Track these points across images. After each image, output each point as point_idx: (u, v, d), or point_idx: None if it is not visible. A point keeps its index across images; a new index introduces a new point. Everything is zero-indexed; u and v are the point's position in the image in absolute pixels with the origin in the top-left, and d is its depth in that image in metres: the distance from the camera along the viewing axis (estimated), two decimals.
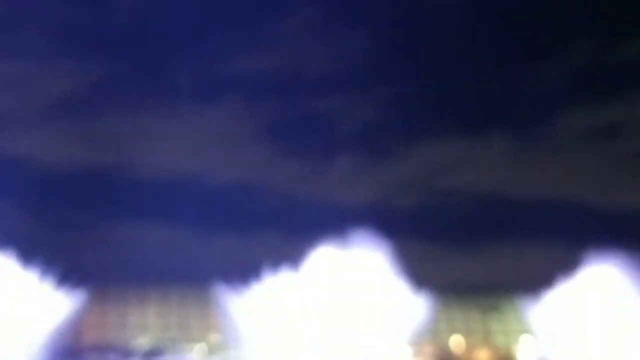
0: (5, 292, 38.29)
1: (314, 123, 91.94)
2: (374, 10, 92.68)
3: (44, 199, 78.90)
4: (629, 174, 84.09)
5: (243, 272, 40.72)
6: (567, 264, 42.67)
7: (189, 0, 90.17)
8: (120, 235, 78.01)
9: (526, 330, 44.56)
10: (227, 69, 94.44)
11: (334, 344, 37.94)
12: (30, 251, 38.53)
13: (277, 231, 77.59)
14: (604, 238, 41.21)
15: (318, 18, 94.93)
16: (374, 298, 38.36)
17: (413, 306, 38.86)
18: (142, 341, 51.36)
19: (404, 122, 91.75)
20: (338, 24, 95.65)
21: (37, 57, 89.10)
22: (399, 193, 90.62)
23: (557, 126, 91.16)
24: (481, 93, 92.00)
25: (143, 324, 52.87)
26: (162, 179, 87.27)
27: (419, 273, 39.37)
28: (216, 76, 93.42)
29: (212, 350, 50.75)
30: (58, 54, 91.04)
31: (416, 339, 40.97)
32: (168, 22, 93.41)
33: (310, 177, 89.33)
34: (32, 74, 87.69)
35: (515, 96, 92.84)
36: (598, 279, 42.03)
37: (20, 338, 37.10)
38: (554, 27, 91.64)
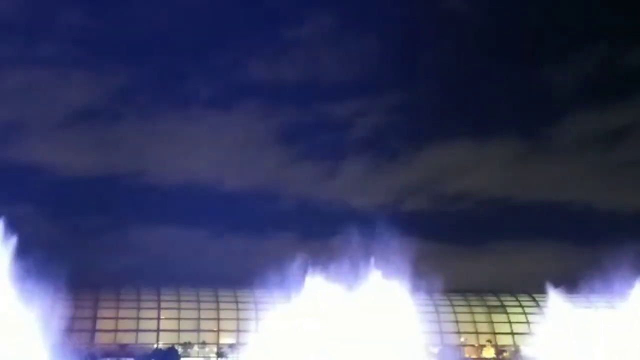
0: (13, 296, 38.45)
1: (328, 128, 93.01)
2: (384, 17, 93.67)
3: (61, 205, 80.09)
4: (636, 176, 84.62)
5: (257, 275, 41.25)
6: (575, 265, 43.22)
7: (205, 8, 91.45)
8: (136, 239, 79.16)
9: (533, 330, 45.02)
10: (242, 76, 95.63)
11: (343, 346, 38.34)
12: (47, 256, 39.15)
13: (291, 234, 78.49)
14: (611, 240, 41.73)
15: (331, 25, 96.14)
16: (382, 300, 38.75)
17: (421, 307, 39.25)
18: (156, 345, 51.82)
19: (414, 126, 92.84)
20: (350, 32, 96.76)
21: (55, 66, 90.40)
22: (409, 196, 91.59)
23: (564, 130, 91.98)
24: (489, 97, 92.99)
25: (156, 328, 53.33)
26: (178, 184, 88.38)
27: (429, 274, 39.84)
28: (232, 83, 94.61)
29: (225, 354, 51.25)
30: (76, 63, 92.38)
31: (424, 339, 41.40)
32: (185, 30, 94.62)
33: (323, 180, 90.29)
34: (50, 82, 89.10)
35: (524, 100, 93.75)
36: (605, 280, 42.39)
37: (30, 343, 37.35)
38: (561, 32, 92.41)
